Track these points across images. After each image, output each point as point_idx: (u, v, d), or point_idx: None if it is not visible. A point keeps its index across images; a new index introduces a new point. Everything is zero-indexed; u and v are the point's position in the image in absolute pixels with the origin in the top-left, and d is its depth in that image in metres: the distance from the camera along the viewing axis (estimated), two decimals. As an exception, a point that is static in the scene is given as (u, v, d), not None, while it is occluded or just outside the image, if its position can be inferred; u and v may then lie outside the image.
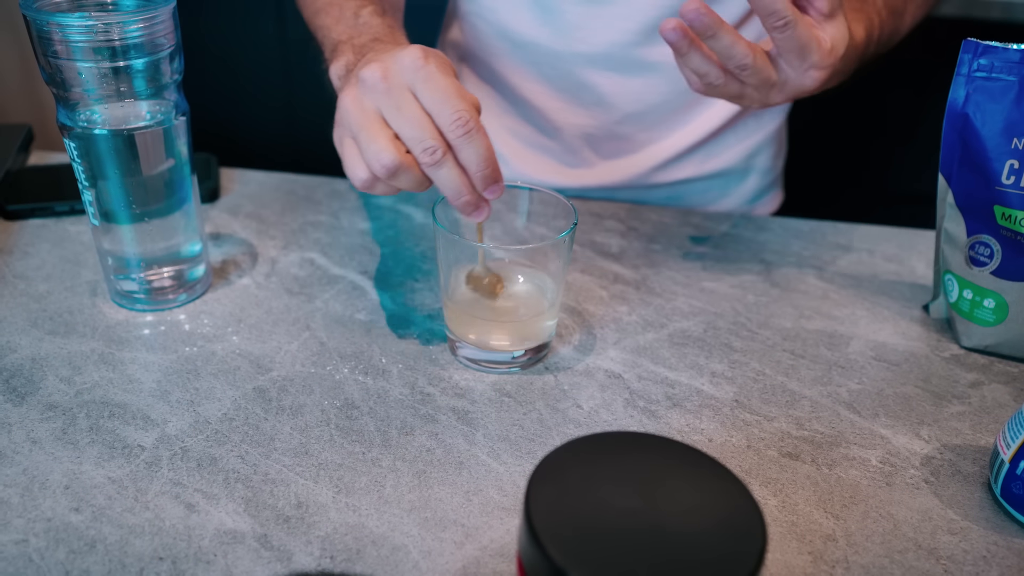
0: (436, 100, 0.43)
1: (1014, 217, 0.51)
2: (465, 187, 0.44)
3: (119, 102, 0.49)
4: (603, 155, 0.79)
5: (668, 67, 0.72)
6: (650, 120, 0.76)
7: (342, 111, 0.46)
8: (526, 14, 0.73)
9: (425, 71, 0.43)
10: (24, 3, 0.46)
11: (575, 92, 0.75)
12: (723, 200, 0.82)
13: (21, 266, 0.59)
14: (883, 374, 0.52)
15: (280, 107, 1.80)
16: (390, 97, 0.44)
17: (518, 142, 0.80)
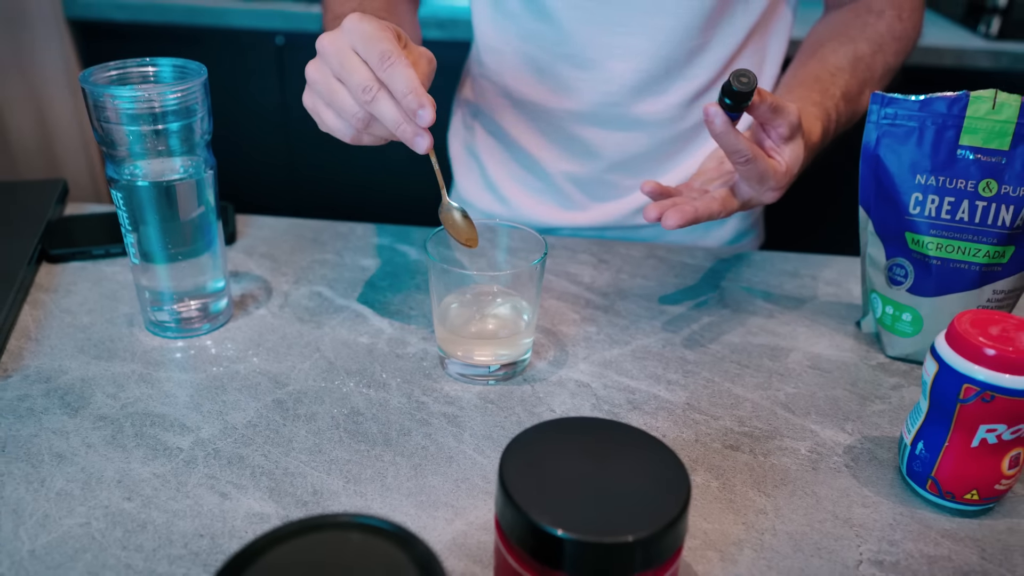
0: (364, 46, 0.52)
1: (921, 242, 0.59)
2: (399, 116, 0.52)
3: (158, 159, 0.58)
4: (593, 199, 0.88)
5: (649, 122, 0.82)
6: (633, 168, 0.85)
7: (309, 82, 0.55)
8: (524, 77, 0.83)
9: (359, 27, 0.52)
10: (83, 77, 0.55)
11: (567, 144, 0.85)
12: (704, 241, 0.91)
13: (66, 302, 0.67)
14: (817, 380, 0.60)
15: (282, 162, 1.90)
16: (336, 58, 0.53)
17: (519, 186, 0.90)
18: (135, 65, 0.59)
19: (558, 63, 0.81)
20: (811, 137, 0.64)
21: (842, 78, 0.72)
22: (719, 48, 0.80)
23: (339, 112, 0.54)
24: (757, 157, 0.57)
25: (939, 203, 0.58)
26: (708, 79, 0.81)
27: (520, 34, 0.82)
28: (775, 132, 0.60)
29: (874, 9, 0.78)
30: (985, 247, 0.58)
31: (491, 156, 0.91)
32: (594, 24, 0.78)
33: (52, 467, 0.49)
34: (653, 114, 0.82)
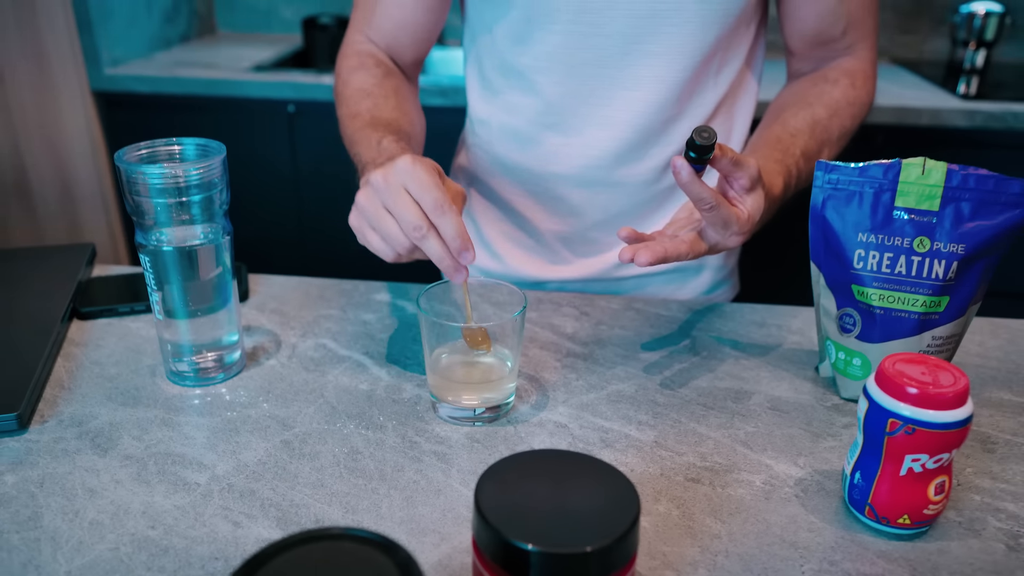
0: (420, 192, 0.60)
1: (866, 293, 0.66)
2: (444, 254, 0.60)
3: (181, 226, 0.65)
4: (578, 254, 0.95)
5: (628, 185, 0.89)
6: (615, 226, 0.92)
7: (359, 207, 0.63)
8: (514, 146, 0.91)
9: (412, 172, 0.60)
10: (117, 156, 0.63)
11: (554, 205, 0.93)
12: (680, 293, 0.97)
13: (95, 355, 0.74)
14: (775, 419, 0.66)
15: (292, 224, 1.98)
16: (388, 194, 0.60)
17: (511, 244, 0.97)
18: (163, 144, 0.67)
19: (543, 133, 0.89)
20: (772, 190, 0.71)
21: (802, 139, 0.80)
22: (692, 117, 0.87)
23: (385, 237, 0.62)
24: (720, 204, 0.64)
25: (879, 258, 0.65)
26: (683, 145, 0.89)
27: (507, 108, 0.90)
28: (737, 183, 0.66)
29: (830, 78, 0.86)
30: (922, 297, 0.64)
31: (485, 217, 0.99)
32: (577, 98, 0.86)
33: (85, 500, 0.56)
34: (632, 177, 0.89)
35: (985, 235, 0.62)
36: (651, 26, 0.81)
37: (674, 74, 0.83)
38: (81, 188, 1.98)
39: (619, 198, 0.91)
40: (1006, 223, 0.62)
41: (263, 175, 1.93)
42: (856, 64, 0.87)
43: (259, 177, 1.93)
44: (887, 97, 1.76)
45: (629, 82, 0.84)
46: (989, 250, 0.63)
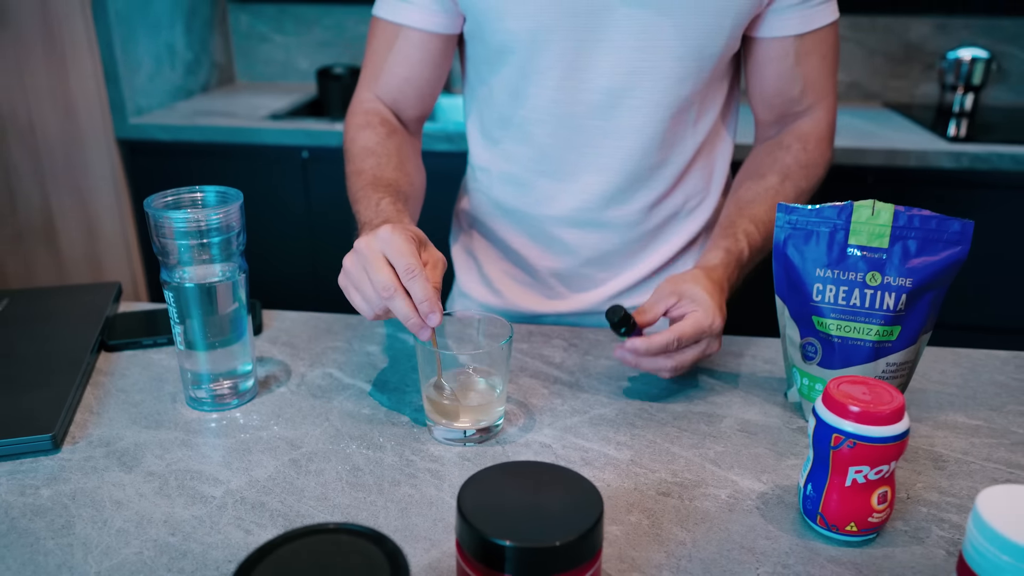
0: (395, 257, 0.67)
1: (825, 323, 0.72)
2: (411, 313, 0.66)
3: (202, 265, 0.72)
4: (572, 289, 1.02)
5: (615, 225, 0.96)
6: (605, 263, 0.99)
7: (345, 270, 0.71)
8: (511, 190, 0.98)
9: (391, 240, 0.67)
10: (146, 203, 0.71)
11: (549, 244, 0.99)
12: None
13: (121, 383, 0.81)
14: (743, 440, 0.71)
15: (306, 263, 2.06)
16: (368, 259, 0.68)
17: (510, 280, 1.04)
18: (186, 192, 0.74)
19: (538, 178, 0.96)
20: (714, 274, 0.80)
21: (751, 210, 0.88)
22: (674, 163, 0.94)
23: (364, 298, 0.69)
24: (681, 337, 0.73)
25: (836, 291, 0.71)
26: (666, 188, 0.96)
27: (505, 156, 0.97)
28: (676, 312, 0.76)
29: (783, 144, 0.94)
30: (876, 327, 0.70)
31: (486, 256, 1.06)
32: (568, 147, 0.93)
33: (112, 511, 0.62)
34: (620, 218, 0.96)
35: (930, 270, 0.68)
36: (632, 81, 0.88)
37: (655, 124, 0.90)
38: (104, 230, 2.08)
39: (609, 237, 0.98)
40: (948, 259, 0.68)
41: (279, 217, 2.02)
42: (811, 127, 0.94)
43: (275, 219, 2.02)
44: (877, 140, 1.83)
45: (615, 132, 0.91)
46: (934, 283, 0.69)
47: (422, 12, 0.91)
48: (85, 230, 2.08)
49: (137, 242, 2.10)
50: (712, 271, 0.80)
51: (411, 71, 0.95)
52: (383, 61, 0.95)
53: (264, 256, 2.03)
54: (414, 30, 0.92)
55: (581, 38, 0.86)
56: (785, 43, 0.89)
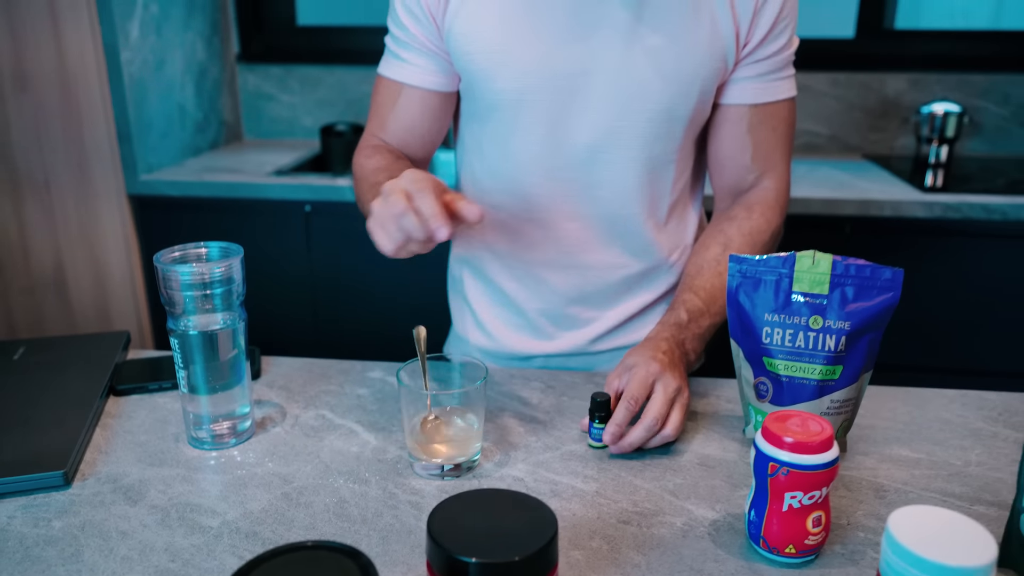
0: (408, 185, 0.76)
1: (774, 364, 0.78)
2: (418, 226, 0.74)
3: (205, 314, 0.79)
4: (561, 328, 1.08)
5: (597, 268, 1.04)
6: (589, 303, 1.06)
7: (373, 213, 0.77)
8: (500, 236, 1.05)
9: (412, 176, 0.76)
10: (156, 258, 0.78)
11: (535, 285, 1.06)
12: None
13: (128, 425, 0.87)
14: (701, 473, 0.77)
15: (307, 311, 2.13)
16: (390, 195, 0.76)
17: (501, 323, 1.10)
18: (192, 247, 0.82)
19: (525, 225, 1.03)
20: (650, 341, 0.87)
21: (693, 281, 0.96)
22: (652, 216, 1.02)
23: (385, 233, 0.77)
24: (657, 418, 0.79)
25: (783, 334, 0.77)
26: (645, 238, 1.02)
27: (494, 204, 1.04)
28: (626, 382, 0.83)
29: (730, 215, 1.01)
30: (819, 366, 0.76)
31: (479, 301, 1.12)
32: (552, 197, 1.00)
33: (118, 540, 0.68)
34: (601, 262, 1.03)
35: (866, 314, 0.75)
36: (611, 139, 0.96)
37: (631, 178, 0.98)
38: (113, 280, 2.16)
39: (591, 279, 1.04)
40: (882, 304, 0.75)
41: (281, 267, 2.09)
42: (759, 195, 1.01)
43: (278, 269, 2.10)
44: (853, 191, 1.91)
45: (594, 184, 0.99)
46: (871, 326, 0.76)
47: (422, 73, 1.00)
48: (94, 281, 2.16)
49: (144, 292, 2.18)
50: (650, 340, 0.88)
51: (413, 123, 1.03)
52: (388, 113, 1.03)
53: (267, 304, 2.10)
54: (415, 88, 1.01)
55: (563, 99, 0.94)
56: (740, 110, 0.98)
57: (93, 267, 2.15)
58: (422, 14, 0.96)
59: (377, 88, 1.05)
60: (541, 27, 0.92)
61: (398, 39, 1.00)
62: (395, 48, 1.01)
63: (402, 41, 1.00)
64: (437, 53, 0.99)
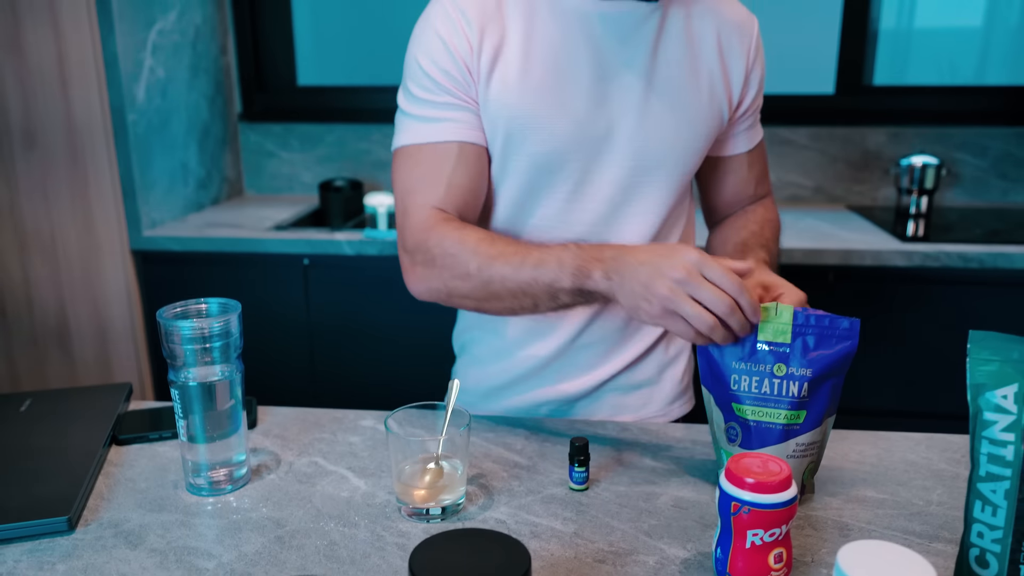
0: (720, 279, 0.79)
1: (742, 409, 0.82)
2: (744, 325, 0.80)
3: (204, 366, 0.84)
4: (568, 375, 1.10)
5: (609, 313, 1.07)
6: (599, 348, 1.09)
7: (661, 298, 0.80)
8: None
9: (702, 263, 0.80)
10: (159, 314, 0.83)
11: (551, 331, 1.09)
12: (649, 405, 1.14)
13: (129, 472, 0.91)
14: (676, 515, 0.81)
15: (304, 361, 2.17)
16: (692, 284, 0.79)
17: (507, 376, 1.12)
18: (193, 303, 0.87)
19: None
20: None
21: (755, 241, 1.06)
22: None
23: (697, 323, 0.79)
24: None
25: (749, 381, 0.82)
26: None
27: None
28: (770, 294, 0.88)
29: (748, 210, 1.14)
30: (784, 411, 0.80)
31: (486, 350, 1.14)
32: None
33: (119, 582, 0.71)
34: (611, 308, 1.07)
35: (826, 361, 0.80)
36: (629, 194, 1.03)
37: (646, 229, 1.05)
38: (115, 334, 2.20)
39: (603, 324, 1.08)
40: (841, 351, 0.80)
41: (280, 319, 2.14)
42: (766, 202, 1.15)
43: (277, 321, 2.14)
44: (835, 241, 1.97)
45: (613, 236, 1.05)
46: (832, 373, 0.80)
47: (471, 129, 0.99)
48: (97, 334, 2.21)
49: (146, 344, 2.22)
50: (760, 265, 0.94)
51: (473, 181, 1.00)
52: (445, 177, 0.98)
53: (266, 355, 2.15)
54: (471, 144, 0.99)
55: (588, 160, 1.01)
56: (740, 157, 1.13)
57: (96, 320, 2.20)
58: (458, 71, 0.97)
59: (418, 158, 1.00)
60: (569, 94, 0.98)
61: (434, 103, 0.98)
62: (432, 112, 0.99)
63: (439, 104, 0.98)
64: (475, 108, 0.99)
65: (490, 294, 0.94)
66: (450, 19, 0.97)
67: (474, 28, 0.97)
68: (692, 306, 0.79)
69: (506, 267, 0.92)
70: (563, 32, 0.98)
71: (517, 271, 0.91)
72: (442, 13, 0.98)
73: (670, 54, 1.01)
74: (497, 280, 0.92)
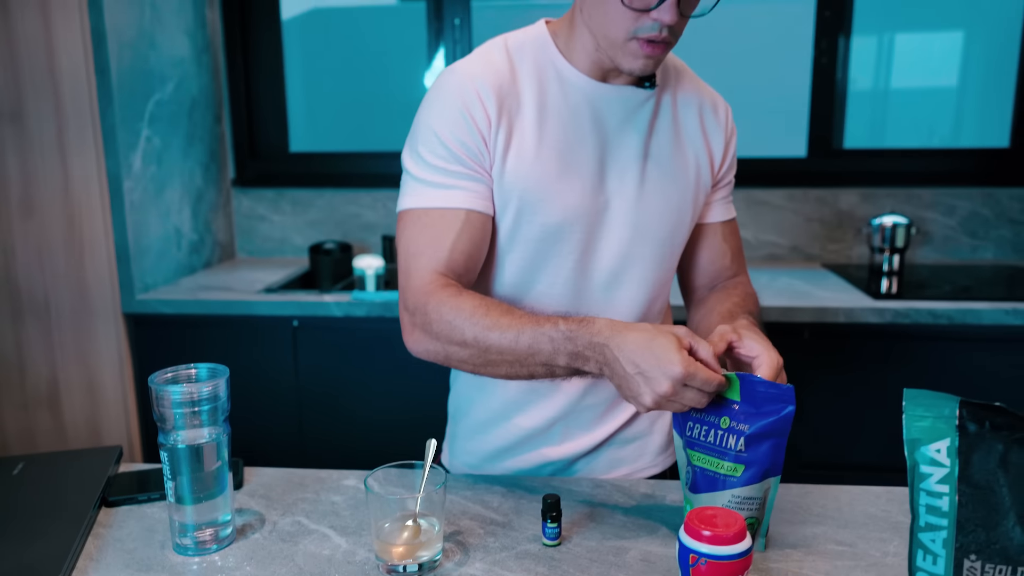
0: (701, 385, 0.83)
1: (695, 456, 0.87)
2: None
3: (192, 429, 0.88)
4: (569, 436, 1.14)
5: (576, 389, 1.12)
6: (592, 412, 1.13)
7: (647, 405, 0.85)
8: None
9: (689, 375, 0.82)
10: (151, 379, 0.87)
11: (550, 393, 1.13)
12: (643, 456, 1.18)
13: (118, 533, 0.94)
14: (644, 568, 0.85)
15: (292, 422, 2.20)
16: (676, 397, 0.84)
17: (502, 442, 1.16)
18: (183, 369, 0.91)
19: None
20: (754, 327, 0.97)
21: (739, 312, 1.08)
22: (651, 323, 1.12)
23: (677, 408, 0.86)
24: None
25: (700, 430, 0.87)
26: None
27: None
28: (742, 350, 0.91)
29: (728, 285, 1.18)
30: (725, 462, 0.85)
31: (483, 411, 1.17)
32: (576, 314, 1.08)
33: (106, 640, 0.74)
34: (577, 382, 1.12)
35: (765, 420, 0.84)
36: (627, 262, 1.09)
37: (642, 294, 1.11)
38: (106, 396, 2.23)
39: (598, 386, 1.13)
40: (778, 413, 0.84)
41: (269, 380, 2.18)
42: (743, 280, 1.20)
43: (266, 382, 2.18)
44: (810, 299, 2.03)
45: (612, 301, 1.10)
46: (771, 433, 0.84)
47: (480, 198, 1.02)
48: (87, 396, 2.23)
49: (136, 407, 2.25)
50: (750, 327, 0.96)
51: (474, 248, 1.04)
52: (449, 243, 1.02)
53: (255, 415, 2.17)
54: (477, 213, 1.03)
55: (593, 230, 1.07)
56: (715, 226, 1.19)
57: (87, 383, 2.23)
58: (474, 142, 1.01)
59: (425, 222, 1.03)
60: (577, 167, 1.05)
61: (446, 171, 1.02)
62: (442, 179, 1.02)
63: (451, 172, 1.02)
64: (485, 178, 1.03)
65: (487, 362, 0.97)
66: (469, 92, 1.01)
67: (492, 102, 1.02)
68: (674, 407, 0.86)
69: (502, 339, 0.94)
70: (571, 108, 1.05)
71: (513, 345, 0.94)
72: (460, 85, 1.02)
73: (662, 133, 1.09)
74: (494, 351, 0.96)
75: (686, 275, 1.22)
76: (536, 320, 0.94)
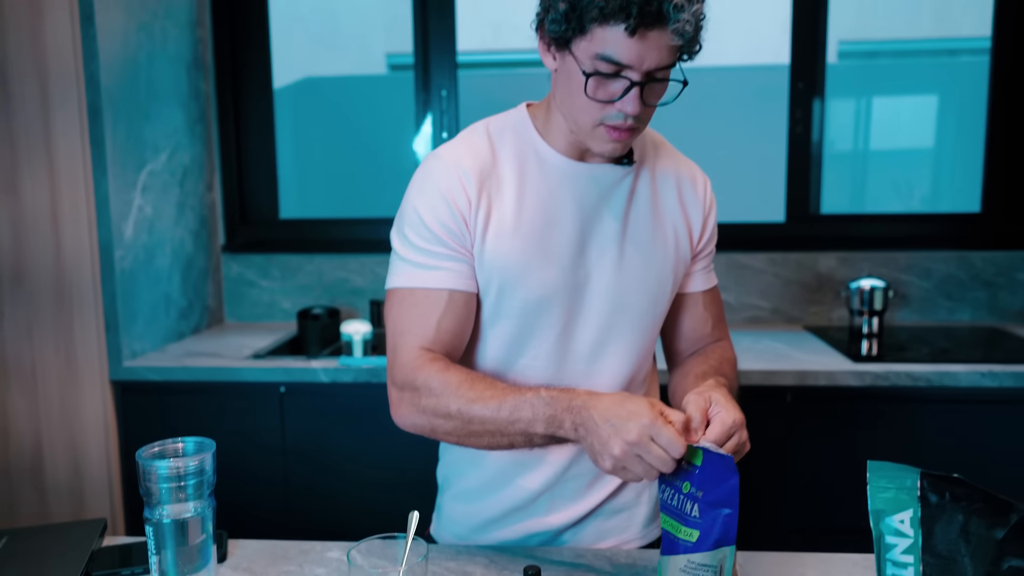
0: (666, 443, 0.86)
1: (664, 517, 0.90)
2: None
3: (178, 503, 0.89)
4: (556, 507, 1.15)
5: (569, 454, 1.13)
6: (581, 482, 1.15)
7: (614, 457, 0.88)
8: None
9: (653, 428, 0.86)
10: (138, 454, 0.89)
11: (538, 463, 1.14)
12: (630, 527, 1.19)
13: (101, 609, 0.94)
14: (623, 640, 0.86)
15: (279, 489, 2.19)
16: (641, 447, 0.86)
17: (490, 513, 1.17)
18: (170, 443, 0.93)
19: None
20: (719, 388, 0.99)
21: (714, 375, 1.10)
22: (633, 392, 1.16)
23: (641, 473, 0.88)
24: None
25: (669, 493, 0.90)
26: None
27: None
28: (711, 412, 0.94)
29: (707, 350, 1.21)
30: (683, 527, 0.87)
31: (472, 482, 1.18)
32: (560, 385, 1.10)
33: None
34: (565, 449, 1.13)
35: (718, 488, 0.86)
36: (609, 334, 1.12)
37: (624, 366, 1.14)
38: (90, 467, 2.22)
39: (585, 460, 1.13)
40: (726, 482, 0.86)
41: (256, 446, 2.17)
42: (723, 344, 1.23)
43: (252, 448, 2.17)
44: (791, 362, 2.06)
45: (595, 373, 1.13)
46: (720, 502, 0.86)
47: (464, 278, 1.07)
48: (71, 467, 2.22)
49: (120, 476, 2.23)
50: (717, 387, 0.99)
51: (459, 327, 1.08)
52: (434, 322, 1.06)
53: (242, 481, 2.16)
54: (461, 292, 1.07)
55: (573, 304, 1.11)
56: (696, 295, 1.22)
57: (71, 451, 2.22)
58: (456, 224, 1.06)
59: (411, 301, 1.07)
60: (556, 244, 1.09)
61: (430, 252, 1.06)
62: (426, 260, 1.06)
63: (434, 253, 1.06)
64: (468, 258, 1.07)
65: (470, 432, 1.01)
66: (451, 175, 1.07)
67: (473, 184, 1.07)
68: (638, 465, 0.88)
69: (485, 410, 0.98)
70: (550, 187, 1.10)
71: (495, 415, 0.98)
72: (443, 169, 1.08)
73: (640, 208, 1.13)
74: (476, 421, 0.99)
75: (669, 341, 1.26)
76: (518, 390, 0.99)
